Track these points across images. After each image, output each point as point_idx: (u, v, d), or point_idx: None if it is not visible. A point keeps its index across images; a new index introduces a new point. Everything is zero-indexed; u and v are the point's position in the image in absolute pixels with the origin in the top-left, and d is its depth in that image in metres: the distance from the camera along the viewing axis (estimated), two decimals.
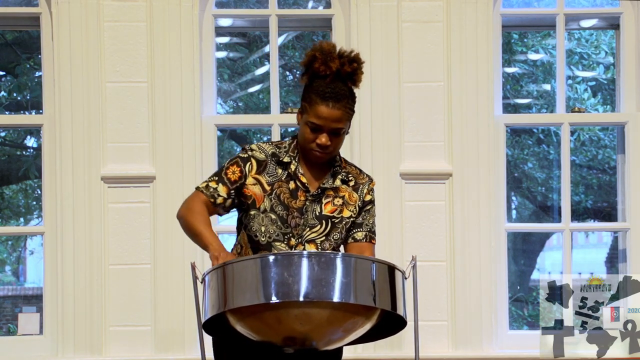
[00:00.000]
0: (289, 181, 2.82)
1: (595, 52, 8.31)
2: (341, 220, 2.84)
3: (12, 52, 7.80)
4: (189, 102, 4.30)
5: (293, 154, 2.84)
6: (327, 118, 2.73)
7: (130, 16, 4.31)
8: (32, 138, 8.58)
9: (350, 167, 2.92)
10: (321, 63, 2.76)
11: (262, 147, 2.86)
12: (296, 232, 2.80)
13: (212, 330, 2.64)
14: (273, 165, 2.83)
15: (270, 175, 2.82)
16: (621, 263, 4.55)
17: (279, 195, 2.80)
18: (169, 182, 4.27)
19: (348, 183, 2.88)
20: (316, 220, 2.81)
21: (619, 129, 4.60)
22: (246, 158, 2.83)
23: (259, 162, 2.83)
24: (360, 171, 2.94)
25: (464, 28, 4.32)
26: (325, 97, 2.73)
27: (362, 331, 2.58)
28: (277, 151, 2.85)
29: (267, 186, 2.81)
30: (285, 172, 2.82)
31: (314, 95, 2.75)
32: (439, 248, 4.30)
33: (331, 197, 2.84)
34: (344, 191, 2.87)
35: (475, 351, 4.28)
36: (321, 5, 6.99)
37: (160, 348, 4.25)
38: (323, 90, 2.74)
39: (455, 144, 4.31)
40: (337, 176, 2.86)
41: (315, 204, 2.82)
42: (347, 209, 2.86)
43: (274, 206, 2.79)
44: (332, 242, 2.83)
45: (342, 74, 2.77)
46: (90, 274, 4.24)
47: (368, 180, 2.92)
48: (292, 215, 2.80)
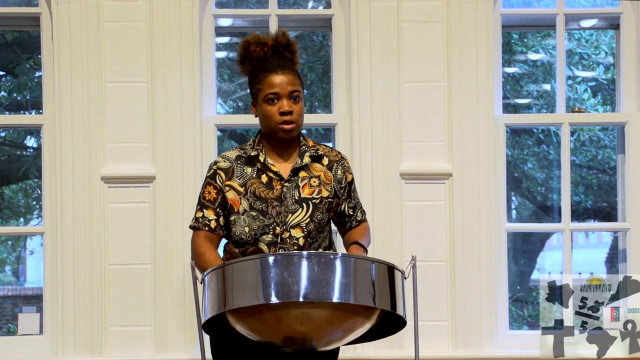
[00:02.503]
0: (260, 176, 2.87)
1: (595, 52, 8.31)
2: (321, 201, 2.90)
3: (12, 52, 7.80)
4: (189, 102, 4.30)
5: (259, 147, 2.91)
6: (280, 84, 2.83)
7: (130, 16, 4.31)
8: (32, 138, 8.58)
9: (319, 145, 2.98)
10: (256, 45, 2.88)
11: (225, 156, 2.95)
12: (279, 220, 2.83)
13: (212, 330, 2.64)
14: (240, 167, 2.90)
15: (239, 177, 2.88)
16: (621, 263, 4.55)
17: (254, 192, 2.85)
18: (169, 182, 4.27)
19: (321, 161, 2.93)
20: (296, 204, 2.86)
21: (619, 129, 4.60)
22: (213, 173, 2.92)
23: (225, 170, 2.90)
24: (332, 148, 3.00)
25: (464, 28, 4.32)
26: (272, 68, 2.85)
27: (361, 331, 2.59)
28: (241, 153, 2.94)
29: (240, 187, 2.87)
30: (255, 168, 2.88)
31: (261, 72, 2.86)
32: (439, 248, 4.30)
33: (307, 179, 2.90)
34: (319, 170, 2.92)
35: (475, 351, 4.28)
36: (321, 5, 6.99)
37: (160, 348, 4.25)
38: (268, 64, 2.86)
39: (455, 144, 4.31)
40: (304, 154, 2.91)
41: (293, 189, 2.87)
42: (324, 188, 2.91)
43: (252, 203, 2.84)
44: (315, 222, 2.88)
45: (280, 47, 2.89)
46: (90, 274, 4.24)
47: (341, 158, 2.99)
48: (271, 205, 2.84)
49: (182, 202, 4.25)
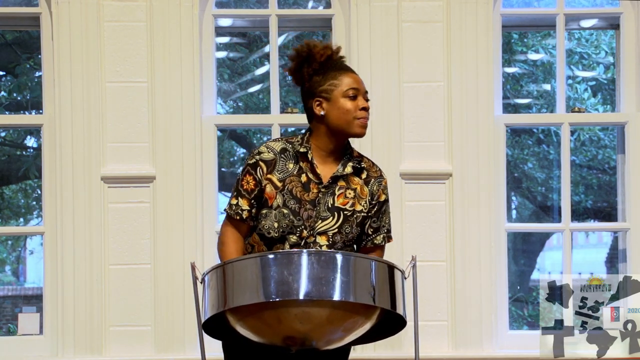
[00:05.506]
0: (300, 175, 2.81)
1: (595, 52, 8.32)
2: (353, 214, 2.83)
3: (12, 52, 7.81)
4: (189, 102, 4.30)
5: (308, 145, 2.83)
6: (358, 81, 2.83)
7: (130, 16, 4.31)
8: (32, 138, 8.59)
9: (363, 157, 2.92)
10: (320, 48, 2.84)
11: (270, 146, 2.85)
12: (308, 224, 2.78)
13: (212, 330, 2.64)
14: (283, 161, 2.82)
15: (280, 171, 2.81)
16: (621, 263, 4.55)
17: (290, 190, 2.79)
18: (169, 182, 4.27)
19: (360, 174, 2.87)
20: (328, 212, 2.80)
21: (619, 129, 4.60)
22: (254, 163, 2.82)
23: (267, 162, 2.81)
24: (373, 163, 2.95)
25: (464, 28, 4.32)
26: (347, 68, 2.85)
27: (362, 331, 2.58)
28: (287, 146, 2.84)
29: (279, 183, 2.80)
30: (297, 165, 2.82)
31: (335, 70, 2.83)
32: (439, 248, 4.30)
33: (343, 189, 2.83)
34: (356, 184, 2.85)
35: (475, 351, 4.28)
36: (321, 5, 7.00)
37: (160, 348, 4.25)
38: (340, 64, 2.85)
39: (455, 144, 4.31)
40: (347, 164, 2.85)
41: (328, 196, 2.81)
42: (359, 202, 2.84)
43: (287, 201, 2.78)
44: (343, 235, 2.81)
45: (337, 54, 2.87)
46: (90, 274, 4.24)
47: (379, 175, 2.91)
48: (304, 207, 2.78)
49: (182, 202, 4.25)
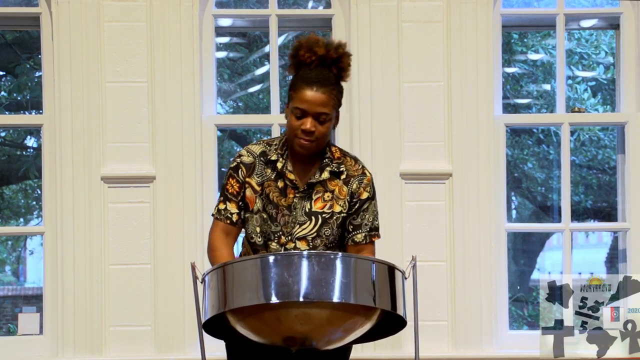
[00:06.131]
0: (277, 180, 2.81)
1: (595, 52, 8.31)
2: (332, 216, 2.81)
3: (12, 52, 7.81)
4: (189, 102, 4.30)
5: (281, 152, 2.82)
6: (310, 101, 2.71)
7: (130, 16, 4.31)
8: (32, 138, 8.59)
9: (345, 157, 2.87)
10: (306, 50, 2.76)
11: (250, 149, 2.86)
12: (286, 229, 2.79)
13: (212, 330, 2.64)
14: (261, 165, 2.82)
15: (259, 175, 2.82)
16: (621, 263, 4.55)
17: (268, 195, 2.79)
18: (169, 182, 4.27)
19: (339, 176, 2.83)
20: (305, 217, 2.79)
21: (619, 129, 4.60)
22: (235, 166, 2.84)
23: (247, 165, 2.83)
24: (356, 161, 2.89)
25: (464, 28, 4.32)
26: (309, 81, 2.72)
27: (362, 331, 2.58)
28: (267, 149, 2.84)
29: (257, 187, 2.81)
30: (274, 171, 2.82)
31: (300, 81, 2.75)
32: (439, 248, 4.30)
33: (321, 193, 2.81)
34: (334, 185, 2.82)
35: (475, 351, 4.28)
36: (321, 5, 7.00)
37: (160, 348, 4.25)
38: (308, 75, 2.74)
39: (455, 144, 4.31)
40: (325, 169, 2.82)
41: (305, 201, 2.80)
42: (337, 203, 2.82)
43: (265, 205, 2.79)
44: (323, 238, 2.81)
45: (328, 60, 2.77)
46: (90, 274, 4.24)
47: (361, 174, 2.85)
48: (281, 213, 2.79)
49: (182, 202, 4.25)
